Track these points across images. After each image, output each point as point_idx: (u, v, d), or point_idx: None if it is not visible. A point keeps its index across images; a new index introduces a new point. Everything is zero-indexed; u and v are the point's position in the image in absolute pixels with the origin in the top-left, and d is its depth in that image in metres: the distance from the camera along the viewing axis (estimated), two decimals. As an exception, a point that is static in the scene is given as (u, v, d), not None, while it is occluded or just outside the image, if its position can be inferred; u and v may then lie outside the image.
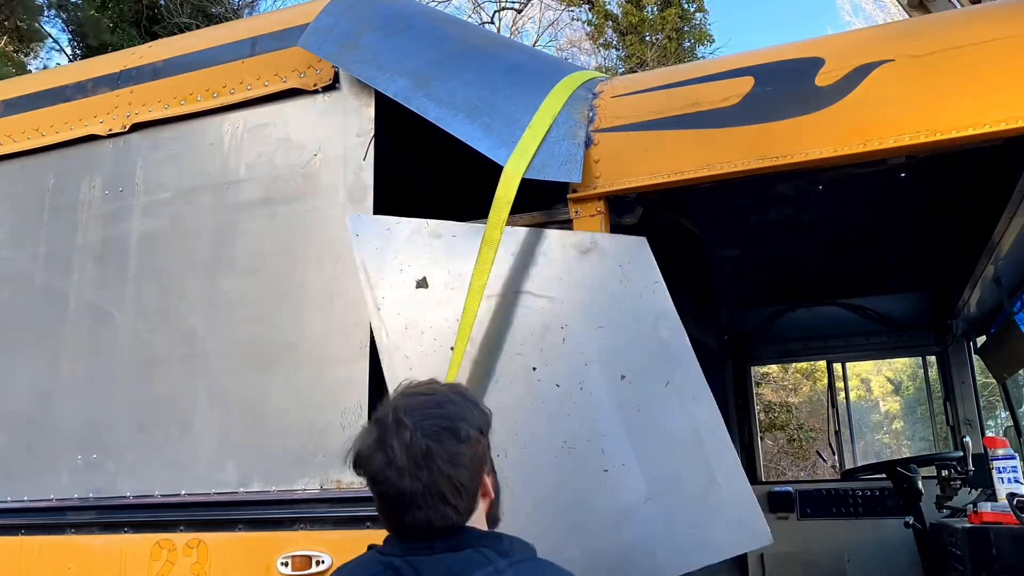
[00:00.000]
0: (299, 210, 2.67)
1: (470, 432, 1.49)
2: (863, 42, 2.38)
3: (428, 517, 1.45)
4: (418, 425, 1.46)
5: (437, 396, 1.55)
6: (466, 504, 1.48)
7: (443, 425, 1.48)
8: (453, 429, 1.48)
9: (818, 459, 12.20)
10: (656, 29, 19.13)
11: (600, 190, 2.32)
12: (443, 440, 1.46)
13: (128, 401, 2.73)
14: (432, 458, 1.44)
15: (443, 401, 1.53)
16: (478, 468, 1.51)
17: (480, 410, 1.58)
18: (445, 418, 1.49)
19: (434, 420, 1.48)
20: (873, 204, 3.61)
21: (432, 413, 1.49)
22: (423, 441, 1.44)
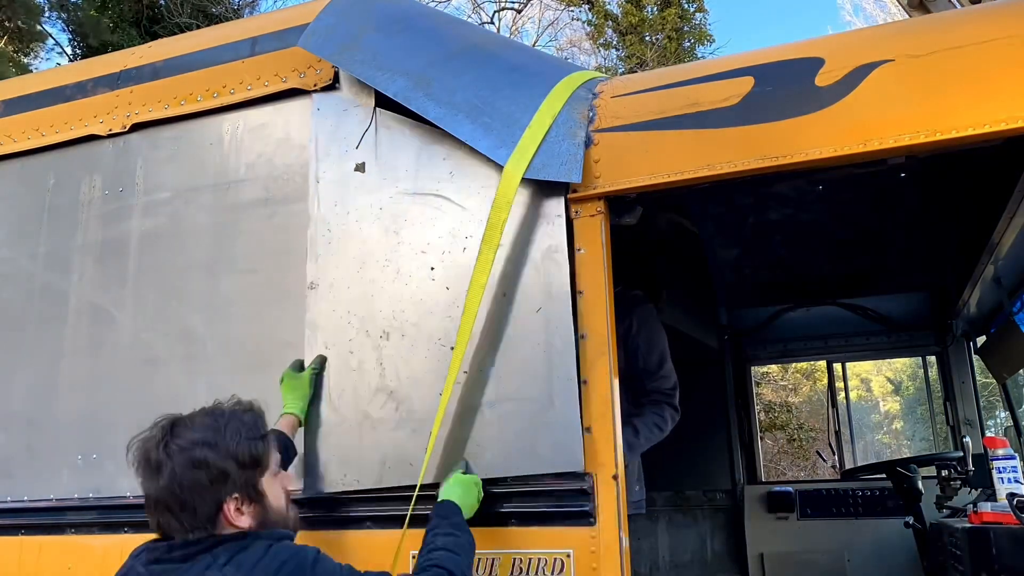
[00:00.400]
0: (299, 210, 2.67)
1: (208, 460, 1.65)
2: (863, 42, 2.37)
3: (159, 521, 1.67)
4: (170, 440, 1.67)
5: (215, 418, 1.73)
6: (194, 522, 1.64)
7: (184, 447, 1.66)
8: (190, 453, 1.65)
9: (818, 459, 12.20)
10: (656, 29, 19.12)
11: (600, 190, 2.32)
12: (176, 460, 1.64)
13: (128, 401, 2.73)
14: (162, 472, 1.64)
15: (211, 425, 1.71)
16: (215, 495, 1.65)
17: (250, 445, 1.72)
18: (193, 442, 1.66)
19: (183, 440, 1.67)
20: (873, 204, 3.61)
21: (188, 436, 1.68)
22: (161, 455, 1.65)
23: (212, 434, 1.68)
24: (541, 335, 2.25)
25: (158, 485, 1.63)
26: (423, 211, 2.47)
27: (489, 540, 2.18)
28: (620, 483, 2.12)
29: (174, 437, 1.67)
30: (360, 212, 2.56)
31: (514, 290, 2.31)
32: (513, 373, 2.26)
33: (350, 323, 2.48)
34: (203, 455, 1.64)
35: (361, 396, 2.41)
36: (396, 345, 2.41)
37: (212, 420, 1.72)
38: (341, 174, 2.61)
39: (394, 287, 2.45)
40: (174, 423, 1.71)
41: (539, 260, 2.30)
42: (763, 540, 4.83)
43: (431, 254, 2.43)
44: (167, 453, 1.64)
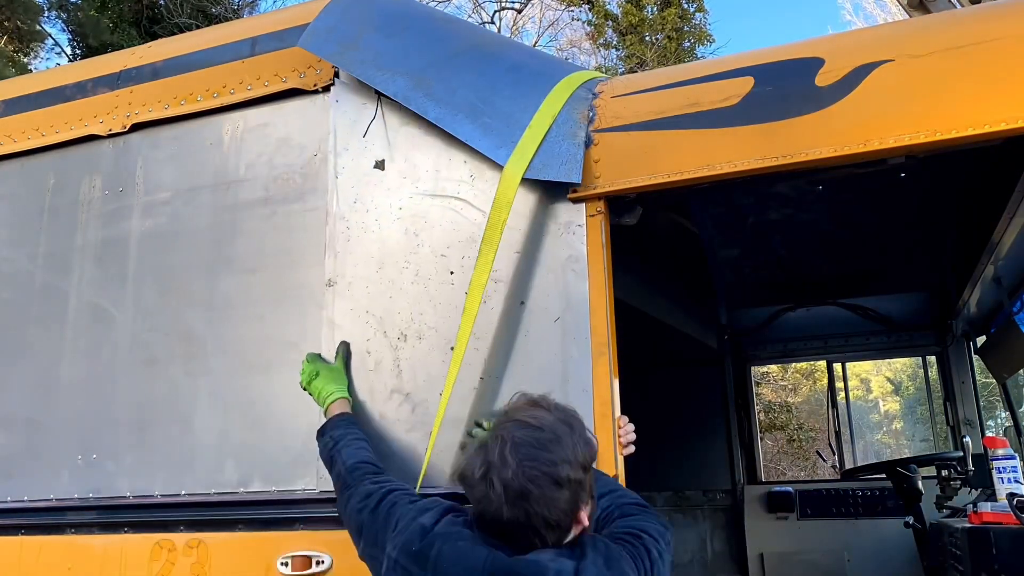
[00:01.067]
0: (299, 210, 2.67)
1: (570, 476, 1.59)
2: (863, 42, 2.38)
3: (515, 543, 1.60)
4: (521, 466, 1.57)
5: (544, 432, 1.63)
6: (556, 537, 1.60)
7: (544, 470, 1.57)
8: (553, 475, 1.57)
9: (818, 459, 12.20)
10: (656, 29, 19.12)
11: (600, 190, 2.32)
12: (542, 485, 1.56)
13: (128, 401, 2.73)
14: (528, 499, 1.56)
15: (549, 441, 1.62)
16: (574, 506, 1.61)
17: (585, 442, 1.67)
18: (547, 463, 1.58)
19: (535, 464, 1.58)
20: (873, 204, 3.60)
21: (536, 456, 1.59)
22: (523, 483, 1.56)
23: (561, 449, 1.61)
24: (558, 344, 2.25)
25: (528, 512, 1.56)
26: (443, 213, 2.47)
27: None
28: (620, 483, 2.11)
29: (529, 460, 1.58)
30: (380, 211, 2.55)
31: (533, 298, 2.31)
32: (529, 381, 2.25)
33: (368, 323, 2.48)
34: (566, 473, 1.59)
35: (377, 397, 2.41)
36: (413, 347, 2.41)
37: (552, 435, 1.63)
38: (360, 170, 2.61)
39: (413, 289, 2.45)
40: (515, 443, 1.60)
41: (559, 269, 2.31)
42: (763, 540, 4.83)
43: (451, 258, 2.43)
44: (529, 479, 1.56)
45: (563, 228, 2.34)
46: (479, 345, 2.32)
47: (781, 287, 4.84)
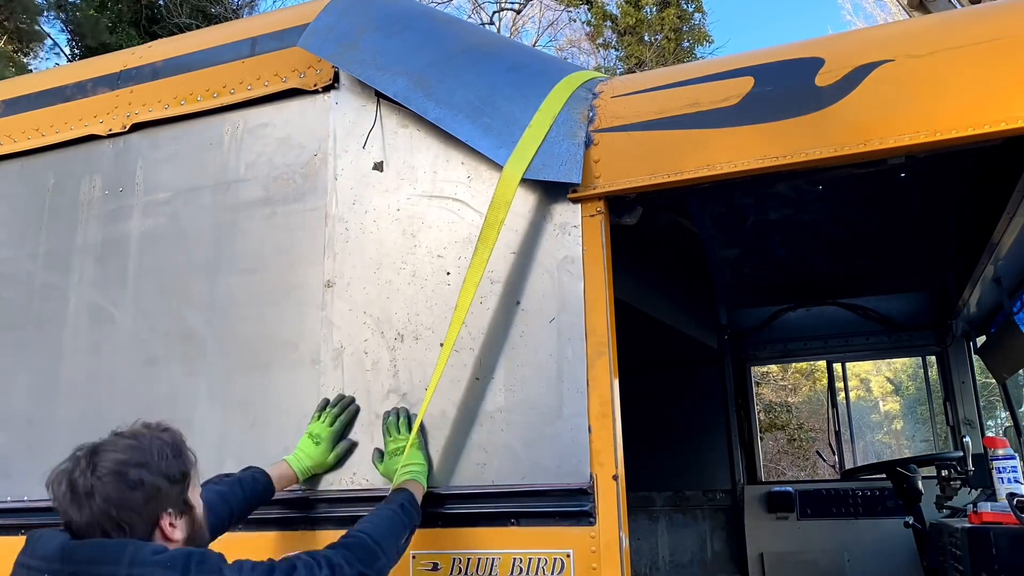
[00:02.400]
0: (299, 210, 2.67)
1: (143, 479, 1.63)
2: (863, 42, 2.37)
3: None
4: (95, 464, 1.63)
5: (138, 440, 1.71)
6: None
7: (115, 469, 1.63)
8: (123, 473, 1.62)
9: (818, 459, 12.20)
10: (655, 29, 19.12)
11: (600, 190, 2.32)
12: (108, 483, 1.61)
13: (128, 401, 2.73)
14: (93, 496, 1.59)
15: (136, 446, 1.69)
16: (152, 514, 1.65)
17: (179, 461, 1.73)
18: (122, 463, 1.64)
19: (110, 463, 1.64)
20: (873, 204, 3.61)
21: (115, 458, 1.65)
22: (90, 480, 1.61)
23: (141, 454, 1.68)
24: (554, 345, 2.26)
25: (91, 511, 1.60)
26: (440, 214, 2.48)
27: (489, 540, 2.18)
28: (620, 483, 2.12)
29: (101, 462, 1.64)
30: (378, 212, 2.56)
31: (529, 299, 2.32)
32: (524, 381, 2.26)
33: (365, 323, 2.48)
34: (137, 475, 1.64)
35: (374, 397, 2.42)
36: (410, 348, 2.41)
37: (135, 441, 1.71)
38: (359, 172, 2.62)
39: (410, 290, 2.45)
40: (95, 450, 1.68)
41: (554, 270, 2.31)
42: (763, 540, 4.83)
43: (448, 258, 2.44)
44: (97, 477, 1.62)
45: (559, 229, 2.34)
46: (474, 345, 2.32)
47: (781, 287, 4.84)
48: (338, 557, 1.81)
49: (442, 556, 2.21)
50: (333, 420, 2.39)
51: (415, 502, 2.13)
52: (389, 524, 2.00)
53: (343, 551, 1.84)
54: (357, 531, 1.93)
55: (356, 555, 1.84)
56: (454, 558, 2.20)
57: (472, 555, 2.18)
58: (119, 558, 1.56)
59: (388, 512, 2.03)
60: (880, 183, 3.27)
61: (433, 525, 2.22)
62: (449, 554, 2.21)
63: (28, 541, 1.68)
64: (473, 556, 2.18)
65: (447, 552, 2.21)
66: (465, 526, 2.23)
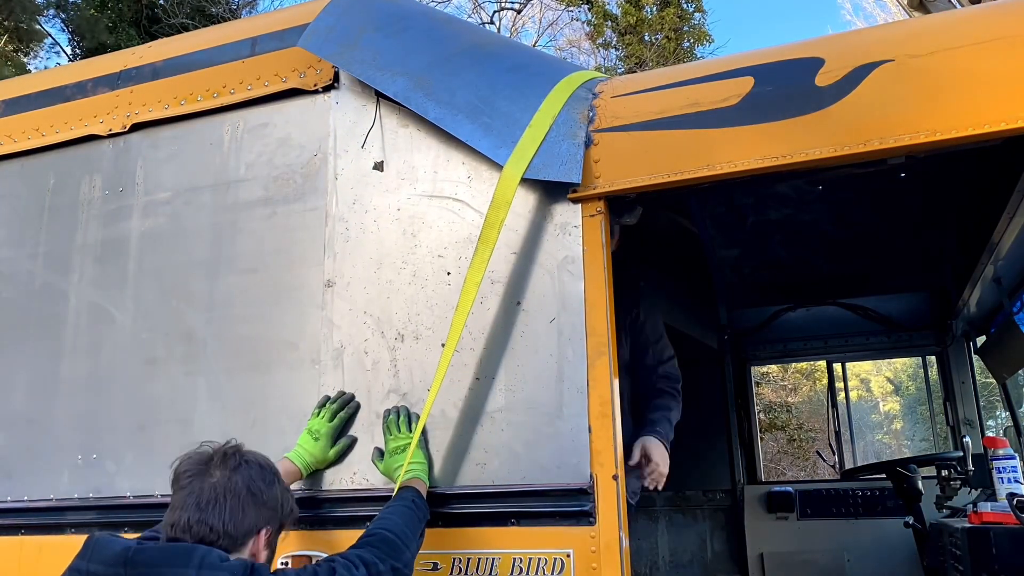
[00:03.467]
0: (299, 210, 2.67)
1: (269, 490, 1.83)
2: (863, 42, 2.37)
3: (188, 521, 1.73)
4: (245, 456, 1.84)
5: (271, 470, 1.90)
6: (231, 531, 1.73)
7: (256, 465, 1.84)
8: (263, 471, 1.84)
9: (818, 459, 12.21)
10: (655, 29, 19.12)
11: (600, 190, 2.32)
12: (252, 469, 1.82)
13: (128, 401, 2.73)
14: (239, 470, 1.79)
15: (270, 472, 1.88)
16: (260, 518, 1.79)
17: (292, 505, 1.93)
18: (263, 469, 1.86)
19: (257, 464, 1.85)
20: (873, 204, 3.60)
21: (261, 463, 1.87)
22: (241, 459, 1.82)
23: (272, 475, 1.86)
24: (554, 346, 2.26)
25: (227, 480, 1.74)
26: (441, 214, 2.48)
27: (489, 540, 2.18)
28: (620, 483, 2.12)
29: (248, 456, 1.83)
30: (378, 211, 2.56)
31: (529, 299, 2.32)
32: (524, 382, 2.27)
33: (366, 323, 2.48)
34: (271, 480, 1.83)
35: (374, 396, 2.42)
36: (411, 347, 2.41)
37: (269, 469, 1.88)
38: (359, 172, 2.62)
39: (410, 290, 2.46)
40: (241, 450, 1.86)
41: (555, 270, 2.31)
42: (763, 540, 4.83)
43: (448, 258, 2.44)
44: (246, 461, 1.80)
45: (559, 229, 2.34)
46: (474, 345, 2.32)
47: (781, 287, 4.84)
48: (369, 555, 1.84)
49: (442, 556, 2.21)
50: (332, 416, 2.39)
51: (423, 498, 2.15)
52: (406, 519, 2.02)
53: (372, 550, 1.87)
54: (378, 528, 1.96)
55: (385, 551, 1.88)
56: (454, 558, 2.20)
57: (472, 555, 2.18)
58: (188, 561, 1.61)
59: (402, 507, 2.06)
60: (880, 183, 3.27)
61: (433, 525, 2.22)
62: (449, 554, 2.21)
63: (86, 546, 1.76)
64: (473, 556, 2.18)
65: (447, 552, 2.21)
66: (465, 526, 2.23)
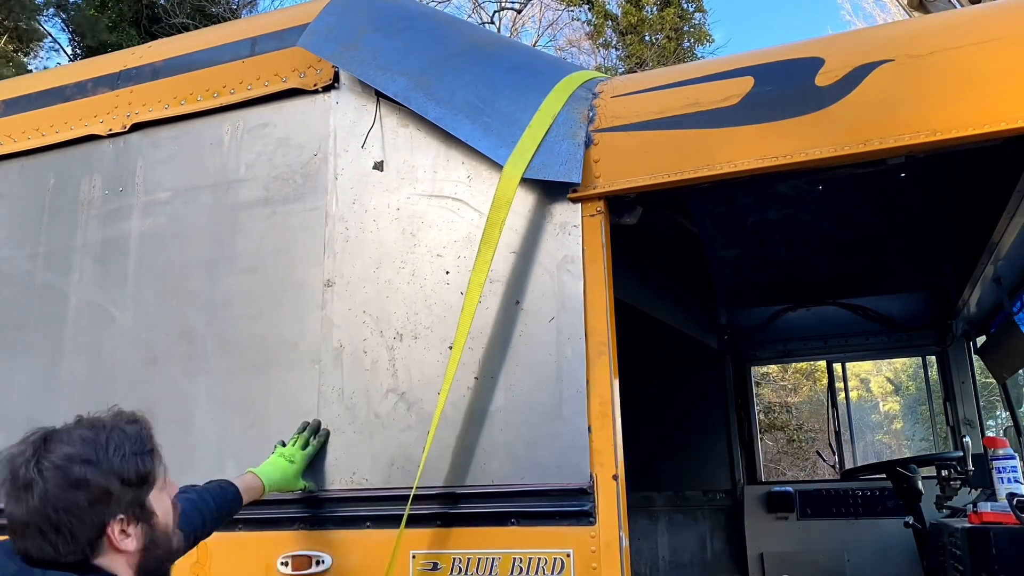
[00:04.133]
0: (299, 210, 2.67)
1: (88, 479, 1.45)
2: (863, 42, 2.37)
3: (27, 547, 1.44)
4: (43, 456, 1.46)
5: (95, 432, 1.54)
6: (71, 547, 1.43)
7: (59, 464, 1.45)
8: (67, 471, 1.44)
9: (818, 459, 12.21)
10: (655, 29, 19.13)
11: (600, 190, 2.32)
12: (49, 479, 1.44)
13: (128, 401, 2.70)
14: (32, 491, 1.42)
15: (90, 439, 1.52)
16: (97, 518, 1.45)
17: (140, 459, 1.55)
18: (69, 458, 1.46)
19: (57, 457, 1.46)
20: (873, 204, 3.61)
21: (64, 451, 1.47)
22: (32, 473, 1.44)
23: (92, 449, 1.49)
24: (553, 345, 2.26)
25: (28, 507, 1.42)
26: (440, 214, 2.48)
27: (489, 540, 2.18)
28: (620, 483, 2.12)
29: (47, 453, 1.46)
30: (378, 211, 2.57)
31: (528, 299, 2.32)
32: (524, 381, 2.27)
33: (365, 323, 2.48)
34: (82, 473, 1.45)
35: (373, 396, 2.42)
36: (409, 347, 2.42)
37: (92, 433, 1.53)
38: (359, 171, 2.62)
39: (409, 289, 2.46)
40: (47, 437, 1.50)
41: (554, 270, 2.31)
42: (763, 540, 4.83)
43: (447, 258, 2.44)
44: (38, 470, 1.43)
45: (559, 228, 2.34)
46: (474, 345, 2.32)
47: (781, 287, 4.84)
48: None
49: (442, 556, 2.21)
50: (306, 444, 2.38)
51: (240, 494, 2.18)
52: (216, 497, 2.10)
53: None
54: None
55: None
56: (454, 558, 2.20)
57: (472, 555, 2.18)
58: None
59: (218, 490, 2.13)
60: (880, 183, 3.27)
61: (433, 525, 2.22)
62: (449, 554, 2.21)
63: None
64: (473, 556, 2.18)
65: (447, 552, 2.21)
66: (465, 526, 2.23)
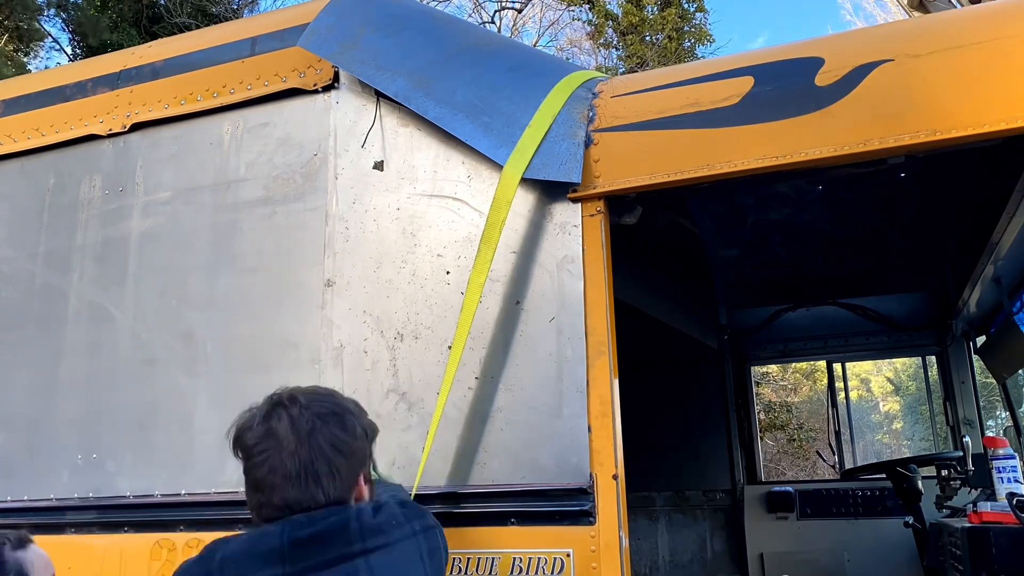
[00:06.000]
0: (299, 210, 2.67)
1: (356, 426, 1.57)
2: (863, 42, 2.37)
3: (298, 498, 1.47)
4: (309, 404, 1.54)
5: (330, 393, 1.64)
6: (336, 494, 1.50)
7: (332, 410, 1.56)
8: (340, 416, 1.55)
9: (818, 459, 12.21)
10: (656, 29, 19.13)
11: (600, 190, 2.32)
12: (329, 422, 1.53)
13: (128, 401, 2.73)
14: (315, 436, 1.50)
15: (334, 395, 1.63)
16: (357, 465, 1.56)
17: (368, 420, 1.66)
18: (336, 405, 1.58)
19: (323, 404, 1.56)
20: (873, 204, 3.61)
21: (322, 400, 1.58)
22: (311, 418, 1.51)
23: (342, 406, 1.60)
24: (553, 345, 2.26)
25: (310, 451, 1.47)
26: (440, 213, 2.48)
27: (489, 540, 2.18)
28: (620, 483, 2.11)
29: (308, 408, 1.53)
30: (378, 211, 2.57)
31: (528, 299, 2.32)
32: (523, 381, 2.27)
33: (365, 323, 2.49)
34: (352, 423, 1.56)
35: (373, 396, 2.42)
36: (410, 347, 2.42)
37: (329, 395, 1.63)
38: (359, 171, 2.62)
39: (409, 289, 2.46)
40: (293, 397, 1.56)
41: (554, 270, 2.31)
42: (763, 540, 4.83)
43: (447, 257, 2.44)
44: (313, 419, 1.51)
45: (559, 228, 2.34)
46: (474, 345, 2.32)
47: (781, 287, 4.85)
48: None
49: (442, 556, 2.21)
50: None
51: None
52: None
53: None
54: None
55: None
56: (454, 558, 2.20)
57: (472, 555, 2.18)
58: (348, 535, 1.43)
59: None
60: (880, 183, 3.27)
61: (433, 525, 2.22)
62: (449, 554, 2.21)
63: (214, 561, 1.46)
64: (473, 556, 2.18)
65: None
66: (465, 525, 2.22)
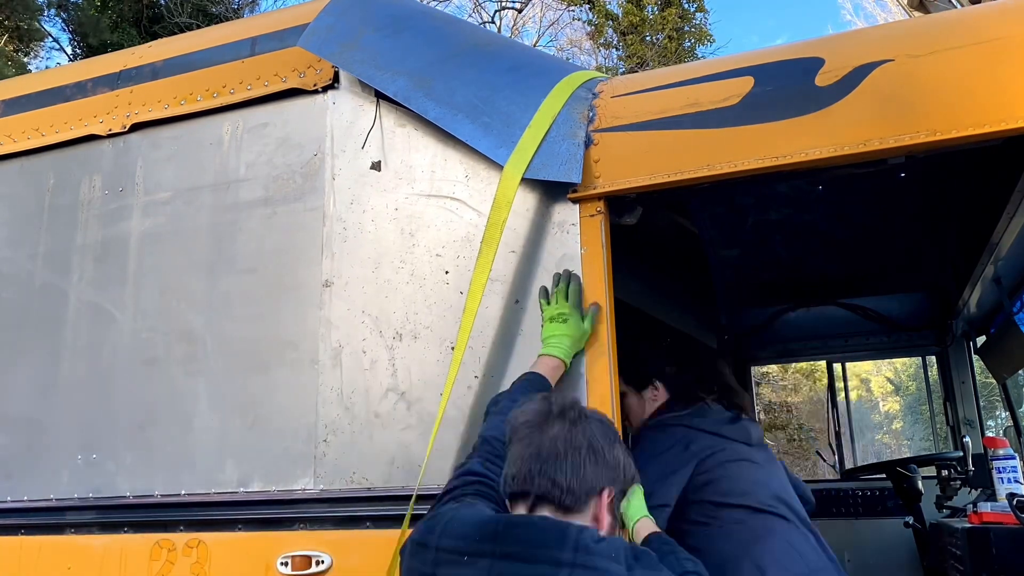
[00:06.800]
0: (299, 210, 2.67)
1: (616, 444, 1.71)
2: (863, 42, 2.37)
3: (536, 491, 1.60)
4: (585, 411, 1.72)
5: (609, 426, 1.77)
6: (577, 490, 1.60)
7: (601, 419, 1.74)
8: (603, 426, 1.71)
9: (818, 459, 12.21)
10: (656, 29, 19.14)
11: (600, 190, 2.32)
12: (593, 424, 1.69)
13: (128, 401, 2.73)
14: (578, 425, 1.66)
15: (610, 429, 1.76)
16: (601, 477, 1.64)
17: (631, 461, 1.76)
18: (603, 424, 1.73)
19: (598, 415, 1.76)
20: (873, 204, 3.60)
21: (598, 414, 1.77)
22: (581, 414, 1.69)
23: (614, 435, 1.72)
24: None
25: (568, 433, 1.61)
26: (438, 213, 2.48)
27: (489, 540, 2.18)
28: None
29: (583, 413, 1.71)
30: (376, 211, 2.57)
31: (529, 298, 2.32)
32: None
33: (364, 323, 2.48)
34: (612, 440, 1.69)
35: (372, 396, 2.42)
36: (409, 347, 2.42)
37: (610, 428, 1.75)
38: (357, 171, 2.62)
39: (408, 289, 2.46)
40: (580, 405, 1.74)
41: (554, 269, 2.31)
42: (763, 540, 4.82)
43: (446, 257, 2.44)
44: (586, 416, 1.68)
45: (559, 228, 2.34)
46: (474, 344, 2.32)
47: (781, 287, 4.84)
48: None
49: (442, 556, 2.21)
50: (566, 295, 2.23)
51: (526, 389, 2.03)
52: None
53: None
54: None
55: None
56: (454, 558, 2.20)
57: (472, 555, 2.18)
58: (563, 543, 1.47)
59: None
60: (880, 183, 3.27)
61: (433, 525, 2.22)
62: None
63: (434, 522, 1.59)
64: (473, 556, 2.18)
65: (447, 552, 2.21)
66: (465, 526, 2.22)
